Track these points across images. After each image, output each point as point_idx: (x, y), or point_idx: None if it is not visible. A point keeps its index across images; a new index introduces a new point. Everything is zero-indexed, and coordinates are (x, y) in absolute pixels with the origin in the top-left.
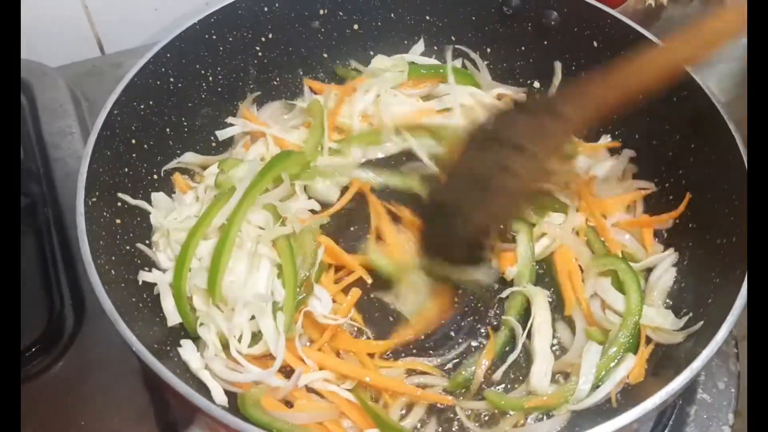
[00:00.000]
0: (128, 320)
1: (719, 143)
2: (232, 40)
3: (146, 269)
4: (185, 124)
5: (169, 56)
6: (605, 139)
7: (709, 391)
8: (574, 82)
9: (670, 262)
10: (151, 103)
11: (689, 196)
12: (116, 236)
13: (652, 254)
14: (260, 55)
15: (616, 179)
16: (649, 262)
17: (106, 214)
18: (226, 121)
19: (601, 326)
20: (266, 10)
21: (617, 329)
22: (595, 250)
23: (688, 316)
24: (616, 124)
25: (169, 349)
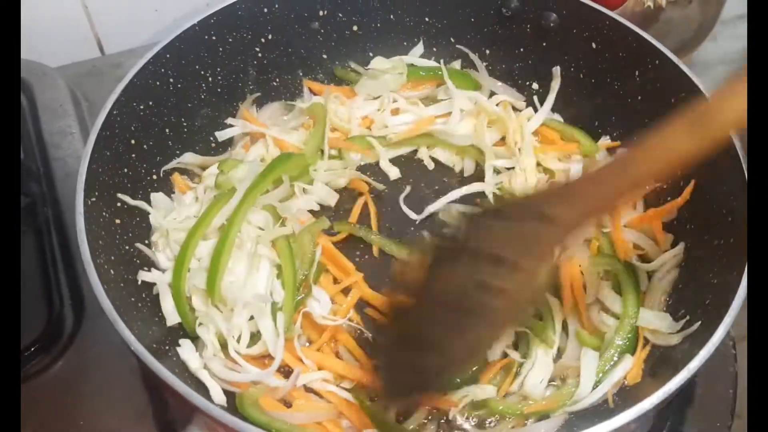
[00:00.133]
0: (127, 320)
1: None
2: (231, 40)
3: (145, 269)
4: (185, 124)
5: (168, 57)
6: (604, 140)
7: (706, 392)
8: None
9: (675, 262)
10: (150, 103)
11: (694, 182)
12: (115, 236)
13: (664, 247)
14: (260, 56)
15: None
16: (662, 259)
17: (105, 213)
18: (225, 122)
19: (597, 329)
20: (266, 11)
21: (613, 332)
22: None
23: (685, 318)
24: (614, 125)
25: (167, 348)
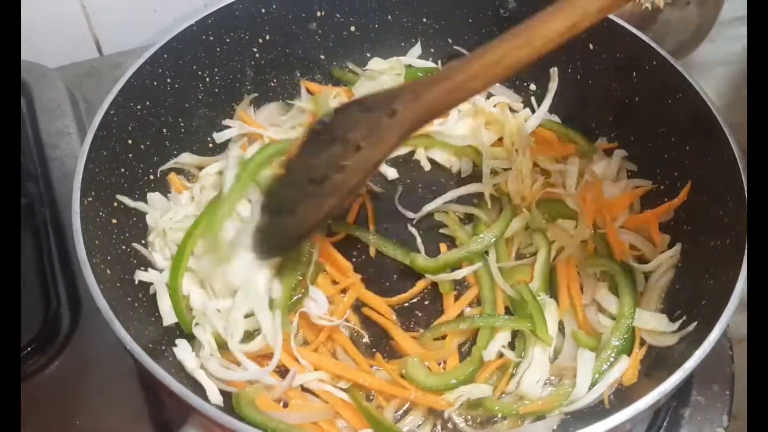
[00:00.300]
0: (123, 320)
1: (714, 146)
2: (229, 41)
3: (142, 269)
4: (182, 124)
5: (166, 57)
6: (601, 140)
7: (703, 393)
8: None
9: (672, 263)
10: (148, 103)
11: (690, 183)
12: (112, 236)
13: (661, 248)
14: (257, 56)
15: (610, 180)
16: (658, 260)
17: (102, 213)
18: (223, 123)
19: (593, 330)
20: (263, 11)
21: (610, 333)
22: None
23: (682, 319)
24: (611, 126)
25: (164, 348)
